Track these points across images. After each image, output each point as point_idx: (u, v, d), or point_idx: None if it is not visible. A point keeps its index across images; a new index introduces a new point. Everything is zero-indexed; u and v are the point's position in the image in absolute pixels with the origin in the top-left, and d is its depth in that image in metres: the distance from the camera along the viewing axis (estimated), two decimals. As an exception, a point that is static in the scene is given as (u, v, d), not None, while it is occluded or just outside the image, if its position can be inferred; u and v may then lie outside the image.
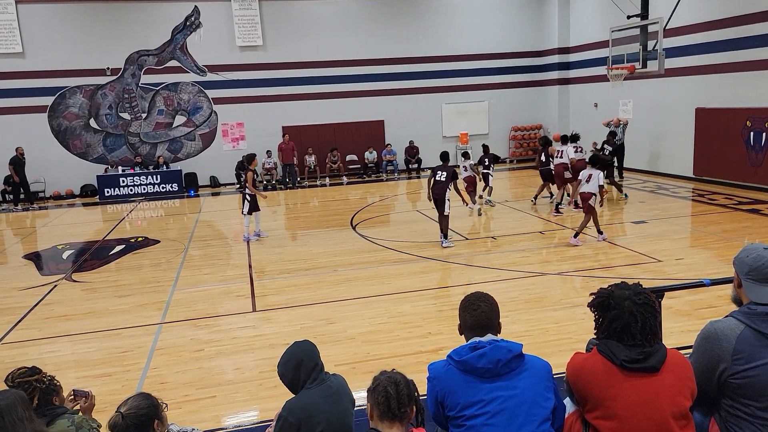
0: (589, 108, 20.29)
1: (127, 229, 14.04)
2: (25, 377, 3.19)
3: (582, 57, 20.78)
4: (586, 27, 20.33)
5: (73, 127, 19.35)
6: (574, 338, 6.13)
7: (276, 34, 20.21)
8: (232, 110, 20.36)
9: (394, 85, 21.37)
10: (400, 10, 21.06)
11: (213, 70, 19.99)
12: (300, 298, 8.13)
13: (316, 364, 3.20)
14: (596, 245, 10.00)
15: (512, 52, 22.19)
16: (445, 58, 21.62)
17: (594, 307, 2.65)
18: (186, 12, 19.46)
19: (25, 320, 7.80)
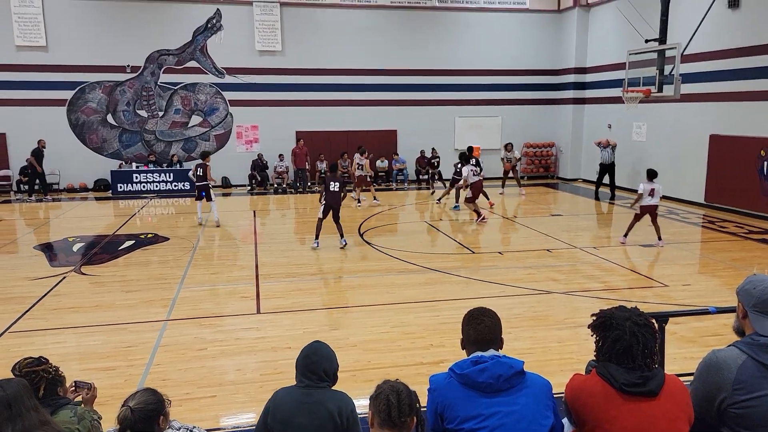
0: (603, 128, 20.28)
1: (138, 225, 14.16)
2: (32, 367, 3.23)
3: (598, 78, 20.80)
4: (603, 48, 20.36)
5: (91, 121, 19.58)
6: (576, 359, 6.13)
7: (295, 40, 20.39)
8: (247, 113, 20.53)
9: (408, 95, 21.48)
10: (419, 22, 21.20)
11: (231, 72, 20.19)
12: (304, 303, 8.17)
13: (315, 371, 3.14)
14: (603, 266, 9.98)
15: (528, 69, 22.25)
16: (461, 72, 21.72)
17: (594, 328, 2.66)
18: (208, 14, 19.69)
19: (33, 310, 7.89)
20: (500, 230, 13.50)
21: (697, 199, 16.10)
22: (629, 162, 18.97)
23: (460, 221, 14.64)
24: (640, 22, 16.36)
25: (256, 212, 16.05)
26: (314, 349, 3.21)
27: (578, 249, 11.28)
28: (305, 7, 20.30)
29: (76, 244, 11.95)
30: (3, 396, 2.44)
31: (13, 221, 15.15)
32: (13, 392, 2.48)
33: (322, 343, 3.29)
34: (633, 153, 18.79)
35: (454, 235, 12.82)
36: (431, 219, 14.69)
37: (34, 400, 2.58)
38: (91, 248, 11.63)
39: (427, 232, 13.15)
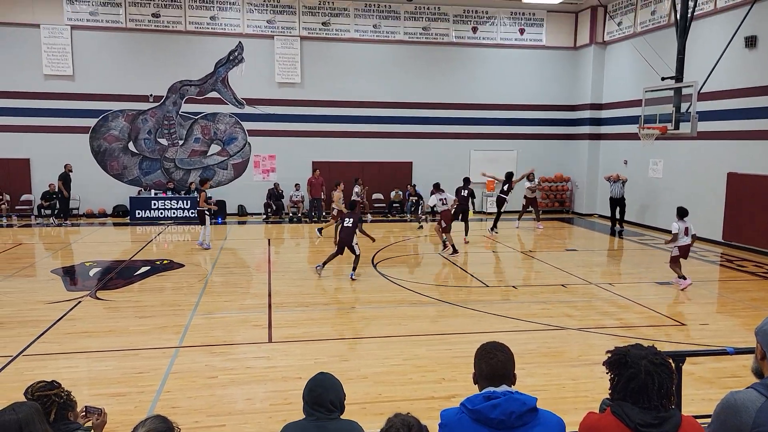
0: (619, 164, 20.24)
1: (154, 251, 14.28)
2: (44, 391, 3.25)
3: (614, 114, 20.86)
4: (619, 85, 20.47)
5: (113, 148, 19.96)
6: (591, 397, 6.02)
7: (313, 73, 20.77)
8: (265, 142, 20.83)
9: (424, 128, 21.68)
10: (435, 57, 21.51)
11: (251, 103, 20.55)
12: (316, 333, 8.15)
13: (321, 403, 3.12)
14: (618, 302, 9.86)
15: (544, 104, 22.39)
16: (477, 106, 21.92)
17: (609, 366, 2.62)
18: (230, 47, 20.16)
19: (47, 333, 7.94)
20: (515, 264, 13.41)
21: (714, 237, 15.92)
22: (645, 198, 18.88)
23: (475, 253, 14.59)
24: (656, 60, 16.47)
25: (270, 241, 16.13)
26: (318, 382, 3.19)
27: (593, 285, 11.16)
28: (324, 41, 20.71)
29: (93, 269, 12.07)
30: (15, 419, 2.46)
31: (32, 245, 15.37)
32: (25, 415, 2.50)
33: (326, 374, 3.27)
34: (649, 190, 18.71)
35: (468, 267, 12.77)
36: (445, 251, 14.64)
37: (45, 424, 2.59)
38: (107, 273, 11.73)
39: (440, 264, 13.11)
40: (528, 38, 21.97)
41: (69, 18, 19.07)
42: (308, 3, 20.42)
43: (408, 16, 21.08)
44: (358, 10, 20.73)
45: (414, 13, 21.08)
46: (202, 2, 19.76)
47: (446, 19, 21.36)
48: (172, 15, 19.63)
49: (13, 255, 13.46)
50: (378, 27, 20.95)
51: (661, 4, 18.07)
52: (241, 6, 20.02)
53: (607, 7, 20.65)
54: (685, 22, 13.82)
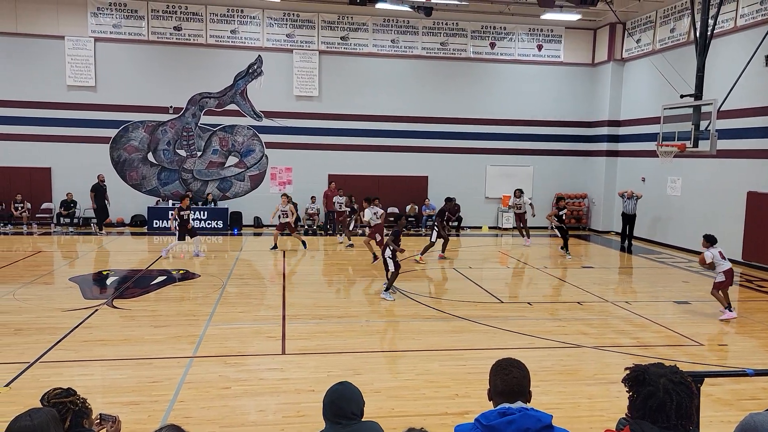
0: (636, 181, 20.09)
1: (170, 261, 14.39)
2: (60, 398, 3.28)
3: (632, 131, 20.74)
4: (637, 102, 20.37)
5: (132, 159, 20.24)
6: (607, 416, 5.94)
7: (331, 87, 20.94)
8: (282, 155, 20.99)
9: (440, 143, 21.72)
10: (453, 72, 21.59)
11: (269, 116, 20.75)
12: (330, 345, 8.14)
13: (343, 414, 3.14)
14: (635, 321, 9.74)
15: (561, 120, 22.34)
16: (493, 121, 21.92)
17: (628, 382, 2.59)
18: (250, 60, 20.42)
19: (64, 341, 8.02)
20: (530, 280, 13.32)
21: (734, 256, 15.66)
22: (664, 217, 18.70)
23: (490, 269, 14.52)
24: (675, 77, 16.38)
25: (285, 253, 16.19)
26: (339, 394, 3.19)
27: (610, 303, 11.05)
28: (343, 55, 20.89)
29: (110, 278, 12.20)
30: (30, 425, 2.48)
31: (51, 253, 15.58)
32: (41, 422, 2.52)
33: (346, 384, 3.26)
34: (667, 208, 18.53)
35: (483, 283, 12.71)
36: (460, 266, 14.59)
37: (61, 431, 2.61)
38: (124, 282, 11.84)
39: (455, 279, 13.06)
40: (546, 54, 21.98)
41: (93, 30, 19.45)
42: (327, 18, 20.64)
43: (426, 31, 21.22)
44: (377, 24, 20.91)
45: (432, 28, 21.21)
46: (223, 16, 20.07)
47: (464, 35, 21.46)
48: (194, 28, 19.96)
49: (33, 262, 13.65)
50: (396, 42, 21.11)
51: (681, 22, 18.01)
52: (261, 20, 20.29)
53: (626, 24, 20.62)
54: (705, 40, 13.76)
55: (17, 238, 17.48)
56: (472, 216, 21.77)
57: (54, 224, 19.56)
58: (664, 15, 18.78)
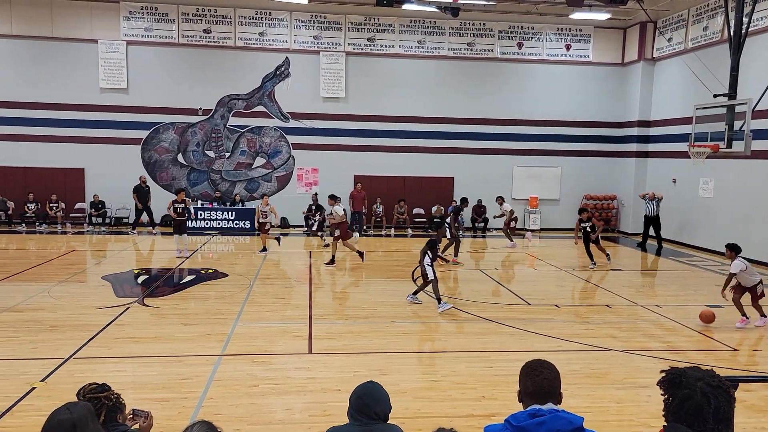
0: (667, 183, 19.74)
1: (199, 261, 14.61)
2: (95, 393, 3.37)
3: (662, 132, 20.39)
4: (668, 102, 20.01)
5: (162, 160, 20.60)
6: (636, 421, 5.86)
7: (358, 88, 21.02)
8: (308, 156, 21.13)
9: (466, 143, 21.63)
10: (480, 72, 21.49)
11: (296, 117, 20.92)
12: (356, 346, 8.17)
13: (366, 412, 3.16)
14: (666, 324, 9.57)
15: (590, 121, 22.06)
16: (521, 122, 21.76)
17: (663, 385, 2.54)
18: (277, 62, 20.61)
19: (97, 338, 8.20)
20: (557, 283, 13.18)
21: (767, 259, 15.32)
22: (695, 219, 18.34)
23: (517, 271, 14.41)
24: (707, 77, 16.05)
25: (311, 253, 16.30)
26: (367, 391, 3.21)
27: (639, 306, 10.88)
28: (369, 56, 20.96)
29: (141, 277, 12.43)
30: (69, 418, 2.56)
31: (84, 252, 15.94)
32: (79, 415, 2.59)
33: (376, 384, 3.28)
34: (699, 209, 18.16)
35: (510, 285, 12.62)
36: (486, 268, 14.51)
37: (97, 424, 2.69)
38: (155, 281, 12.06)
39: (481, 281, 12.99)
40: (574, 54, 21.74)
41: (125, 34, 19.85)
42: (354, 19, 20.73)
43: (453, 32, 21.17)
44: (403, 25, 20.93)
45: (459, 28, 21.15)
46: (251, 18, 20.30)
47: (491, 35, 21.35)
48: (223, 31, 20.23)
49: (67, 261, 13.98)
50: (423, 43, 21.09)
51: (714, 20, 17.64)
52: (288, 22, 20.48)
53: (657, 23, 20.28)
54: (739, 38, 13.45)
55: (52, 237, 17.92)
56: (499, 217, 21.61)
57: (87, 224, 20.00)
58: (697, 13, 18.43)
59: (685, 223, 18.77)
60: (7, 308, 9.56)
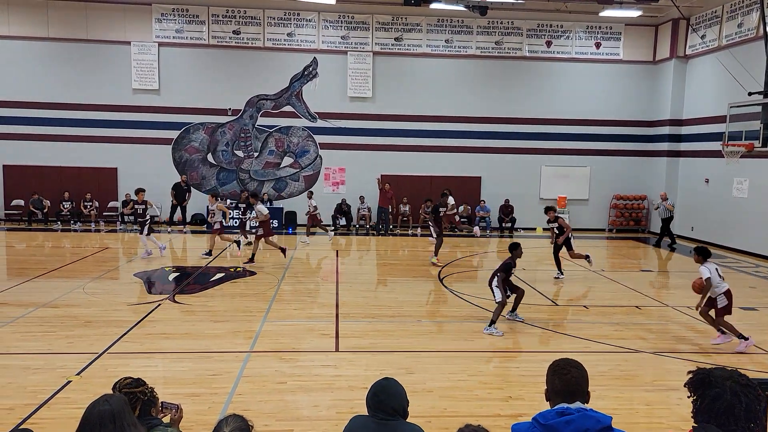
0: (699, 183, 19.36)
1: (228, 259, 14.82)
2: (131, 387, 3.46)
3: (695, 130, 19.99)
4: (701, 100, 19.61)
5: (193, 159, 20.94)
6: (666, 424, 5.79)
7: (385, 87, 21.07)
8: (336, 155, 21.26)
9: (494, 143, 21.51)
10: (507, 71, 21.35)
11: (323, 117, 21.07)
12: (382, 344, 8.22)
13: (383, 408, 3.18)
14: (697, 327, 9.40)
15: (620, 120, 21.75)
16: (549, 121, 21.55)
17: (692, 386, 2.52)
18: (305, 62, 20.78)
19: (129, 334, 8.40)
20: (586, 284, 13.04)
21: (806, 261, 14.92)
22: (729, 220, 17.93)
23: (544, 271, 14.30)
24: (742, 74, 15.71)
25: (338, 252, 16.40)
26: (382, 388, 3.21)
27: (670, 308, 10.71)
28: (397, 56, 20.99)
29: (172, 274, 12.67)
30: (108, 410, 2.64)
31: (116, 249, 16.29)
32: (117, 406, 2.68)
33: (392, 380, 3.28)
34: (733, 210, 17.76)
35: (537, 286, 12.53)
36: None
37: (133, 417, 2.77)
38: (185, 278, 12.28)
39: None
40: (604, 52, 21.45)
41: (157, 35, 20.23)
42: (381, 19, 20.78)
43: (481, 31, 21.07)
44: (431, 25, 20.91)
45: (487, 27, 21.04)
46: (280, 19, 20.50)
47: (520, 34, 21.19)
48: (252, 32, 20.47)
49: (101, 258, 14.32)
50: (450, 42, 21.04)
51: (749, 17, 17.23)
52: (316, 23, 20.63)
53: (690, 19, 19.89)
54: (775, 34, 13.14)
55: (86, 235, 18.36)
56: (526, 217, 21.47)
57: (119, 222, 20.43)
58: (731, 10, 18.02)
59: (719, 223, 18.38)
60: (44, 304, 9.84)
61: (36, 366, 7.00)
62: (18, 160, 20.19)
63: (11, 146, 20.14)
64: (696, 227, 19.59)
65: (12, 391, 6.25)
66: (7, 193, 20.24)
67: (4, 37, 19.72)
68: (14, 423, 5.43)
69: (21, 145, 20.17)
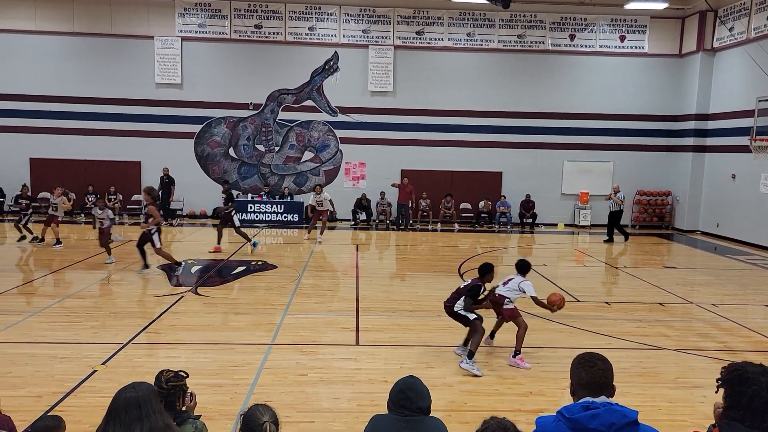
0: (726, 179, 19.02)
1: (249, 253, 14.94)
2: (175, 381, 3.52)
3: (721, 125, 19.62)
4: (728, 94, 19.23)
5: (214, 154, 21.13)
6: (690, 422, 5.72)
7: (406, 82, 21.02)
8: (356, 150, 21.28)
9: (515, 138, 21.34)
10: (529, 65, 21.15)
11: (344, 111, 21.10)
12: (402, 338, 8.23)
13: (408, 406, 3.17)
14: (722, 324, 9.26)
15: (644, 114, 21.44)
16: (572, 115, 21.32)
17: (727, 383, 2.47)
18: (326, 56, 20.81)
19: (153, 325, 8.53)
20: (608, 280, 12.91)
21: (836, 259, 14.59)
22: (757, 216, 17.60)
23: (566, 267, 14.19)
24: (771, 68, 15.38)
25: (358, 246, 16.43)
26: (409, 385, 3.23)
27: (694, 305, 10.56)
28: (418, 50, 20.92)
29: (194, 267, 12.81)
30: (135, 396, 2.70)
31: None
32: (144, 394, 2.73)
33: (417, 378, 3.30)
34: (761, 206, 17.41)
35: (558, 281, 12.43)
36: (534, 264, 14.31)
37: (159, 404, 2.82)
38: (207, 271, 12.42)
39: (529, 277, 12.80)
40: (629, 45, 21.15)
41: (180, 30, 20.42)
42: (403, 12, 20.72)
43: (503, 24, 20.90)
44: (453, 18, 20.79)
45: (509, 20, 20.87)
46: (301, 13, 20.56)
47: (542, 27, 20.98)
48: (274, 26, 20.56)
49: (124, 251, 14.52)
50: (472, 35, 20.91)
51: (779, 8, 16.85)
52: (338, 16, 20.64)
53: (718, 12, 19.51)
54: (807, 26, 12.82)
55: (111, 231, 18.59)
56: (548, 213, 21.31)
57: (142, 215, 20.69)
58: (761, 1, 17.62)
59: (745, 220, 18.05)
60: (71, 294, 10.03)
61: (63, 355, 7.14)
62: (44, 154, 20.57)
63: (38, 140, 20.51)
64: (721, 224, 19.26)
65: (40, 379, 6.39)
66: (34, 186, 20.62)
67: (31, 32, 20.06)
68: (42, 410, 5.55)
69: (47, 139, 20.53)
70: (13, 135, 20.42)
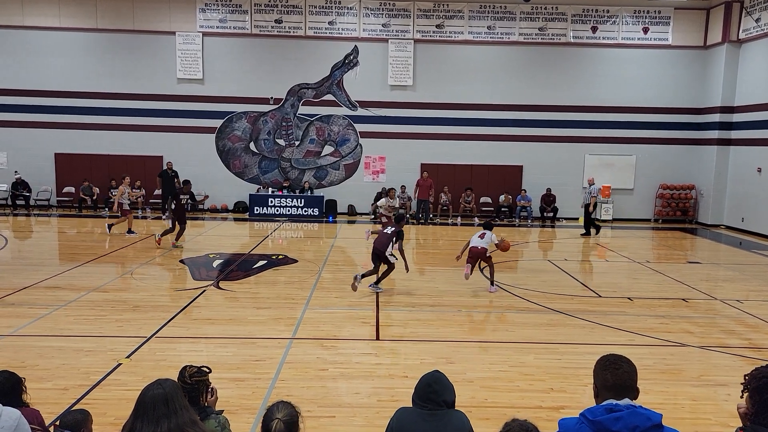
0: (751, 173, 18.67)
1: (270, 247, 15.05)
2: (199, 376, 3.56)
3: (747, 118, 19.25)
4: (755, 87, 18.84)
5: (235, 148, 21.29)
6: (713, 420, 5.65)
7: (425, 75, 20.94)
8: (376, 144, 21.29)
9: (536, 131, 21.18)
10: (551, 58, 20.94)
11: (364, 105, 21.10)
12: (422, 333, 8.24)
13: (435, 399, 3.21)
14: (747, 321, 9.11)
15: (667, 107, 21.11)
16: (594, 109, 21.08)
17: (756, 391, 2.44)
18: (346, 51, 20.82)
19: (175, 319, 8.64)
20: (630, 275, 12.78)
21: None
22: (783, 210, 17.27)
23: (587, 262, 14.06)
24: (800, 59, 15.03)
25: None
26: (436, 379, 3.27)
27: (718, 301, 10.40)
28: (438, 44, 20.82)
29: (216, 261, 12.95)
30: (162, 393, 2.74)
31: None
32: (170, 391, 2.77)
33: (442, 374, 3.35)
34: (788, 200, 17.09)
35: (579, 276, 12.34)
36: (555, 258, 14.23)
37: (185, 400, 2.86)
38: (228, 265, 12.54)
39: (550, 272, 12.76)
40: (652, 37, 20.82)
41: (201, 25, 20.57)
42: (423, 6, 20.63)
43: (524, 17, 20.70)
44: (473, 11, 20.64)
45: (530, 13, 20.66)
46: (321, 8, 20.57)
47: (564, 19, 20.74)
48: (294, 21, 20.61)
49: (148, 244, 14.73)
50: (492, 28, 20.75)
51: (809, -3, 16.44)
52: (358, 11, 20.61)
53: (744, 2, 19.10)
54: (838, 16, 12.50)
55: (134, 221, 18.85)
56: (569, 207, 21.12)
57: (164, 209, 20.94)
58: (789, -10, 17.23)
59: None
60: (95, 288, 10.21)
61: (88, 348, 7.27)
62: (68, 149, 20.90)
63: (62, 135, 20.86)
64: (747, 218, 18.94)
65: (66, 372, 6.52)
66: (59, 181, 20.99)
67: (56, 28, 20.37)
68: (68, 403, 5.67)
69: (71, 134, 20.87)
70: (38, 131, 20.78)
